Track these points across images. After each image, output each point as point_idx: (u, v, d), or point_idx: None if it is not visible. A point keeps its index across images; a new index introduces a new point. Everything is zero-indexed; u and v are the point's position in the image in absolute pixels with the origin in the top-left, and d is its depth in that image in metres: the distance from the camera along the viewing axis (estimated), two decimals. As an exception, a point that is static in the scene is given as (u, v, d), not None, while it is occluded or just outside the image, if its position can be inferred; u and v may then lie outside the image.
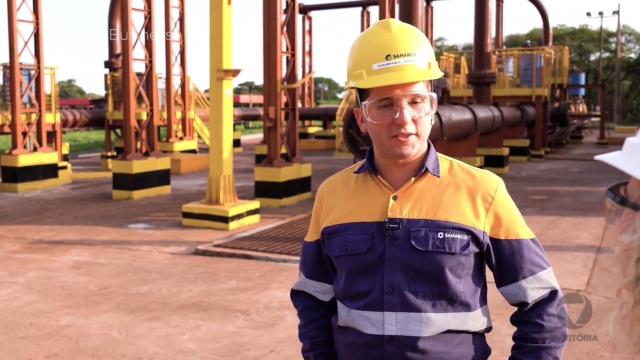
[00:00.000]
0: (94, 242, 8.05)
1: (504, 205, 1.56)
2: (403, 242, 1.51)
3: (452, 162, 1.61)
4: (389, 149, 1.51)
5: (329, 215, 1.64)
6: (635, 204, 0.75)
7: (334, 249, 1.60)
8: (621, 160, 0.76)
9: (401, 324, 1.51)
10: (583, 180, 13.98)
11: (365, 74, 1.49)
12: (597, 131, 30.56)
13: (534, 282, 1.55)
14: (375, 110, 1.49)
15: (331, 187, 1.68)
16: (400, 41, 1.49)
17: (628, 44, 55.77)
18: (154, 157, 12.34)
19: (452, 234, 1.50)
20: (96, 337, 4.69)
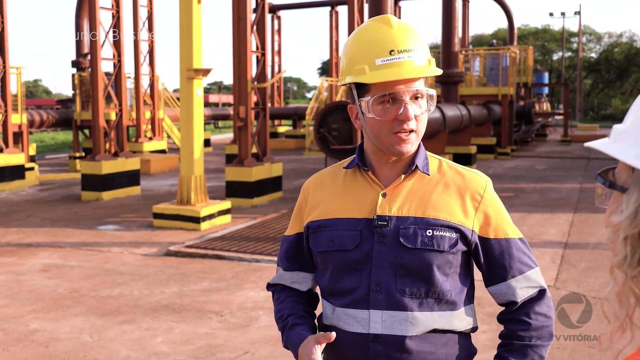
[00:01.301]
0: (63, 244, 7.94)
1: (492, 204, 1.57)
2: (391, 239, 1.51)
3: (441, 161, 1.62)
4: (388, 146, 1.50)
5: (314, 209, 1.62)
6: (623, 186, 0.79)
7: (320, 244, 1.58)
8: (609, 146, 0.81)
9: (387, 322, 1.50)
10: (548, 178, 14.24)
11: (368, 69, 1.48)
12: (560, 129, 31.09)
13: (523, 281, 1.56)
14: (377, 106, 1.49)
15: (318, 182, 1.67)
16: (402, 37, 1.49)
17: (589, 43, 56.91)
18: (124, 157, 12.21)
19: (440, 231, 1.50)
20: (67, 342, 4.64)
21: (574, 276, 6.25)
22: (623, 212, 0.77)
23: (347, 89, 1.60)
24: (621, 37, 55.32)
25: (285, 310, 1.66)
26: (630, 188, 0.78)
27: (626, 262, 0.77)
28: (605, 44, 56.47)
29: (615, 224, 0.78)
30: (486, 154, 18.70)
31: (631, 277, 0.76)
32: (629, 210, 0.76)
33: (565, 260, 6.92)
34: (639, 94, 0.84)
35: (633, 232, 0.76)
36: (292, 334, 1.59)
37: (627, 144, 0.78)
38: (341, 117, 9.94)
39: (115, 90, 12.90)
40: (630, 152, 0.77)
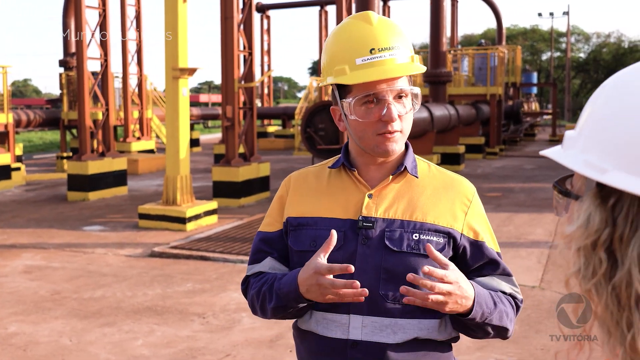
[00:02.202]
0: (47, 245, 7.87)
1: (480, 212, 1.55)
2: (376, 242, 1.45)
3: (429, 164, 1.58)
4: (373, 147, 1.45)
5: (295, 203, 1.56)
6: (577, 194, 0.77)
7: (300, 242, 1.51)
8: (560, 154, 0.78)
9: (367, 328, 1.44)
10: (536, 177, 14.27)
11: (348, 70, 1.42)
12: (549, 129, 31.24)
13: (509, 283, 1.54)
14: (359, 107, 1.43)
15: (301, 178, 1.61)
16: (383, 35, 1.43)
17: (577, 43, 57.22)
18: (110, 157, 12.12)
19: (427, 235, 1.46)
20: (45, 345, 4.58)
21: (559, 276, 6.24)
22: (574, 222, 0.74)
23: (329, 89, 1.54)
24: (609, 38, 55.67)
25: (269, 276, 1.53)
26: (583, 196, 0.75)
27: (580, 274, 0.74)
28: (594, 44, 56.81)
29: (568, 234, 0.75)
30: (474, 154, 18.72)
31: (586, 290, 0.73)
32: (580, 220, 0.73)
33: (551, 260, 6.92)
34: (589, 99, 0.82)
35: (586, 242, 0.72)
36: (285, 277, 1.47)
37: (576, 151, 0.76)
38: (328, 117, 9.90)
39: (102, 90, 12.81)
40: (579, 159, 0.74)
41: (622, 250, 0.69)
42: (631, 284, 0.67)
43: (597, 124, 0.74)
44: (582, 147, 0.75)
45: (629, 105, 0.71)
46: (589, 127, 0.75)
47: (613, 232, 0.70)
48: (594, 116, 0.75)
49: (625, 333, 0.68)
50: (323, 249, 1.40)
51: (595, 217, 0.71)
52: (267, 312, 1.54)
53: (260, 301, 1.53)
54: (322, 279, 1.36)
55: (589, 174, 0.71)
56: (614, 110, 0.72)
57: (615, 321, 0.70)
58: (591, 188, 0.73)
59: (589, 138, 0.74)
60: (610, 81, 0.77)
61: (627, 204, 0.69)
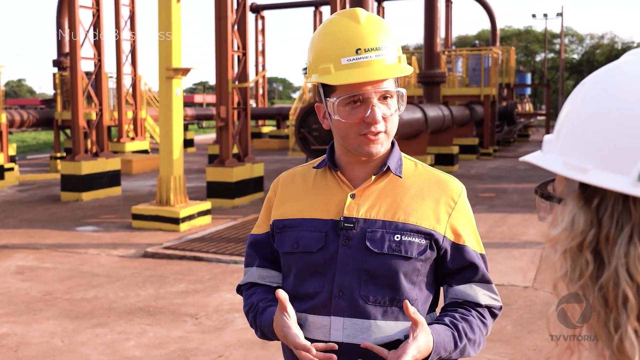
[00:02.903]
0: (40, 246, 7.83)
1: (465, 212, 1.52)
2: (357, 242, 1.43)
3: (416, 163, 1.55)
4: (356, 147, 1.43)
5: (281, 206, 1.55)
6: (561, 198, 0.76)
7: (284, 244, 1.51)
8: (539, 158, 0.78)
9: (348, 330, 1.43)
10: (530, 178, 14.30)
11: (333, 69, 1.39)
12: (543, 130, 31.34)
13: (487, 290, 1.53)
14: (343, 108, 1.41)
15: (288, 179, 1.59)
16: (370, 34, 1.40)
17: (571, 45, 57.44)
18: (104, 157, 12.09)
19: (409, 237, 1.44)
20: (37, 346, 4.56)
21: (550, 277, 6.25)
22: (559, 224, 0.73)
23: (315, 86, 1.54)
24: (602, 39, 55.91)
25: (254, 299, 1.56)
26: (566, 199, 0.75)
27: (567, 277, 0.73)
28: (587, 46, 57.03)
29: (552, 237, 0.74)
30: (468, 154, 18.76)
31: None
32: (565, 223, 0.72)
33: (544, 260, 6.93)
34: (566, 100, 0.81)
35: (571, 244, 0.71)
36: (265, 315, 1.50)
37: (555, 154, 0.75)
38: (322, 118, 9.91)
39: (96, 90, 12.77)
40: (559, 161, 0.74)
41: (608, 250, 0.68)
42: (618, 284, 0.67)
43: (574, 125, 0.73)
44: (560, 149, 0.74)
45: (605, 103, 0.70)
46: (567, 129, 0.75)
47: (599, 233, 0.69)
48: (570, 118, 0.75)
49: (613, 334, 0.68)
50: (282, 307, 1.42)
51: (579, 219, 0.71)
52: (255, 333, 1.60)
53: (249, 323, 1.61)
54: (299, 352, 1.39)
55: (570, 175, 0.71)
56: (590, 110, 0.72)
57: (603, 323, 0.69)
58: (574, 190, 0.73)
59: (568, 139, 0.74)
60: (588, 80, 0.76)
61: (612, 203, 0.69)
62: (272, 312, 1.47)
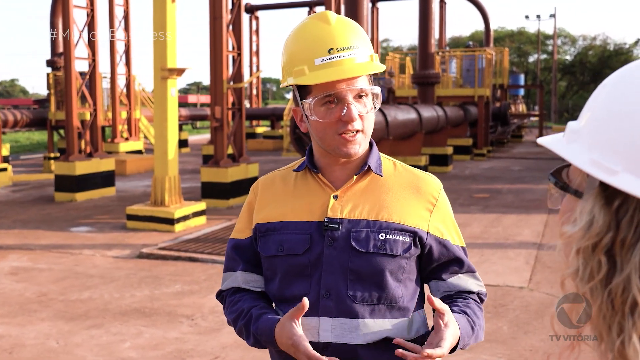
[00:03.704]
0: (34, 246, 7.80)
1: (445, 208, 1.56)
2: (343, 243, 1.45)
3: (395, 163, 1.58)
4: (334, 148, 1.45)
5: (262, 209, 1.55)
6: (577, 190, 0.75)
7: (268, 248, 1.51)
8: (563, 147, 0.76)
9: (337, 330, 1.44)
10: (524, 178, 14.34)
11: (307, 70, 1.42)
12: (536, 130, 31.40)
13: (474, 279, 1.58)
14: (319, 108, 1.43)
15: (268, 183, 1.60)
16: (342, 34, 1.43)
17: (564, 46, 57.69)
18: (98, 158, 12.05)
19: (394, 235, 1.46)
20: (32, 348, 4.53)
21: (547, 277, 6.27)
22: (576, 222, 0.72)
23: None
24: (595, 40, 56.18)
25: (245, 305, 1.53)
26: (585, 195, 0.73)
27: (578, 276, 0.72)
28: (580, 47, 57.29)
29: (568, 235, 0.73)
30: (462, 155, 18.79)
31: (582, 292, 0.72)
32: (582, 221, 0.71)
33: (539, 261, 6.95)
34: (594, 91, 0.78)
35: (586, 244, 0.70)
36: (261, 323, 1.47)
37: (581, 146, 0.73)
38: (317, 118, 9.91)
39: (90, 90, 12.72)
40: (585, 156, 0.71)
41: (622, 255, 0.67)
42: (629, 290, 0.66)
43: (604, 122, 0.71)
44: (587, 144, 0.72)
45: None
46: (595, 124, 0.72)
47: (615, 236, 0.68)
48: (599, 113, 0.73)
49: (615, 338, 0.68)
50: (295, 315, 1.40)
51: (599, 220, 0.69)
52: (246, 341, 1.56)
53: (238, 331, 1.56)
54: (300, 355, 1.38)
55: (597, 175, 0.69)
56: (624, 109, 0.70)
57: (608, 325, 0.69)
58: (594, 187, 0.71)
59: (596, 135, 0.72)
60: (614, 78, 0.74)
61: (633, 208, 0.67)
62: (271, 320, 1.45)
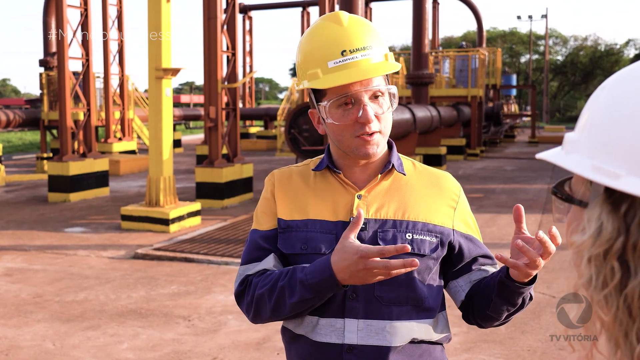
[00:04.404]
0: (28, 247, 7.76)
1: (467, 205, 1.57)
2: (369, 243, 1.41)
3: (413, 161, 1.57)
4: (353, 149, 1.43)
5: (283, 205, 1.51)
6: (582, 200, 0.74)
7: (290, 245, 1.47)
8: (562, 158, 0.76)
9: (363, 332, 1.41)
10: (517, 178, 14.39)
11: (321, 73, 1.40)
12: (528, 130, 31.54)
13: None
14: (335, 110, 1.41)
15: (285, 178, 1.55)
16: (354, 35, 1.40)
17: (555, 46, 57.99)
18: (92, 158, 12.00)
19: (421, 235, 1.44)
20: (28, 349, 4.51)
21: (543, 277, 6.29)
22: (585, 230, 0.71)
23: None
24: (586, 41, 56.50)
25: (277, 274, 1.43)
26: (591, 203, 0.72)
27: (591, 285, 0.70)
28: (571, 47, 57.59)
29: (578, 244, 0.72)
30: (456, 155, 18.84)
31: (596, 301, 0.71)
32: (591, 229, 0.70)
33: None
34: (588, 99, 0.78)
35: (597, 251, 0.69)
36: (310, 267, 1.37)
37: (581, 155, 0.72)
38: (312, 118, 9.90)
39: (84, 90, 12.67)
40: (586, 163, 0.71)
41: (635, 259, 0.66)
42: None
43: (603, 127, 0.70)
44: (587, 151, 0.72)
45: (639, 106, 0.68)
46: (593, 130, 0.72)
47: (626, 241, 0.67)
48: (597, 118, 0.72)
49: (635, 345, 0.66)
50: (352, 230, 1.33)
51: (607, 226, 0.68)
52: (282, 310, 1.42)
53: (275, 299, 1.41)
54: (372, 262, 1.28)
55: (601, 181, 0.68)
56: (624, 111, 0.69)
57: (624, 332, 0.68)
58: (599, 193, 0.70)
59: (595, 141, 0.71)
60: (612, 81, 0.73)
61: None
62: (321, 259, 1.36)
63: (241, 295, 1.50)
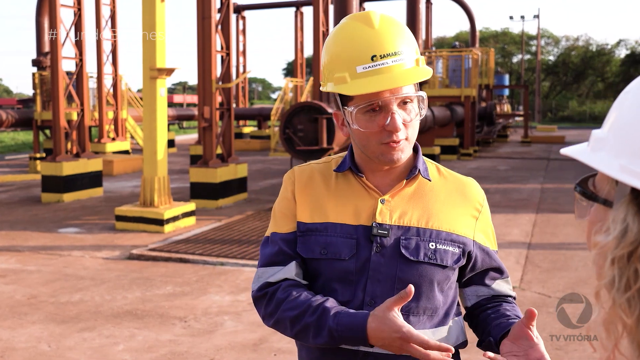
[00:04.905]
0: (22, 248, 7.72)
1: (488, 214, 1.53)
2: (391, 250, 1.39)
3: (438, 166, 1.52)
4: (378, 155, 1.38)
5: (302, 207, 1.46)
6: (607, 199, 0.73)
7: (309, 249, 1.42)
8: (588, 156, 0.75)
9: None
10: (511, 178, 14.43)
11: (349, 78, 1.34)
12: (521, 130, 31.63)
13: (508, 285, 1.56)
14: (362, 116, 1.35)
15: (305, 176, 1.49)
16: (386, 39, 1.34)
17: (547, 46, 58.27)
18: (85, 158, 11.95)
19: (444, 245, 1.41)
20: (23, 351, 4.48)
21: (538, 277, 6.32)
22: (610, 231, 0.70)
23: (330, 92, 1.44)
24: (577, 41, 56.79)
25: (310, 300, 1.36)
26: (616, 204, 0.71)
27: (614, 287, 0.70)
28: (563, 47, 57.87)
29: (602, 245, 0.71)
30: (449, 155, 18.88)
31: (619, 303, 0.70)
32: (616, 231, 0.69)
33: (529, 260, 7.00)
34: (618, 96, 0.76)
35: (621, 253, 0.68)
36: (343, 318, 1.30)
37: (608, 154, 0.72)
38: (307, 118, 9.90)
39: (77, 90, 12.62)
40: (614, 163, 0.70)
41: None
42: None
43: (632, 126, 0.70)
44: (614, 150, 0.71)
45: None
46: (622, 130, 0.71)
47: None
48: (627, 117, 0.71)
49: None
50: (397, 302, 1.26)
51: (633, 228, 0.68)
52: (301, 340, 1.40)
53: (298, 331, 1.37)
54: (412, 348, 1.24)
55: (628, 181, 0.68)
56: None
57: None
58: (625, 194, 0.70)
59: (623, 141, 0.70)
60: None
61: None
62: (357, 315, 1.31)
63: (259, 302, 1.46)
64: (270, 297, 1.42)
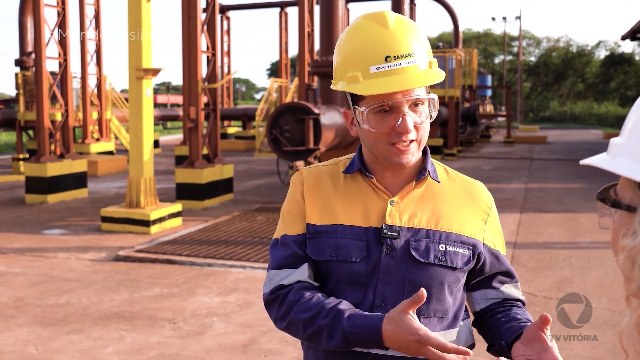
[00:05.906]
0: (6, 250, 7.65)
1: (497, 217, 1.53)
2: (401, 252, 1.39)
3: (446, 168, 1.52)
4: (386, 157, 1.38)
5: (311, 208, 1.45)
6: (630, 205, 0.73)
7: (319, 251, 1.42)
8: (610, 163, 0.75)
9: None
10: (495, 178, 14.54)
11: (361, 77, 1.34)
12: (503, 130, 31.84)
13: (517, 289, 1.56)
14: (373, 116, 1.36)
15: (313, 178, 1.49)
16: (400, 39, 1.34)
17: (529, 47, 58.84)
18: (70, 159, 11.85)
19: (454, 247, 1.41)
20: (10, 355, 4.44)
21: (524, 276, 6.37)
22: (636, 234, 0.71)
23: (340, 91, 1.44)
24: (558, 42, 57.42)
25: (323, 302, 1.35)
26: (638, 207, 0.72)
27: None
28: (544, 48, 58.47)
29: (629, 248, 0.71)
30: (433, 155, 18.73)
31: None
32: None
33: (515, 260, 7.06)
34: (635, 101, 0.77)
35: None
36: (357, 320, 1.30)
37: (629, 159, 0.72)
38: (293, 119, 9.91)
39: (61, 90, 12.52)
40: (635, 166, 0.71)
41: None
42: None
43: None
44: (635, 155, 0.71)
45: None
46: None
47: None
48: None
49: None
50: (412, 305, 1.25)
51: None
52: (314, 343, 1.39)
53: (311, 333, 1.37)
54: (429, 351, 1.24)
55: None
56: None
57: None
58: None
59: None
60: None
61: None
62: (372, 317, 1.30)
63: (271, 304, 1.45)
64: (283, 299, 1.42)
